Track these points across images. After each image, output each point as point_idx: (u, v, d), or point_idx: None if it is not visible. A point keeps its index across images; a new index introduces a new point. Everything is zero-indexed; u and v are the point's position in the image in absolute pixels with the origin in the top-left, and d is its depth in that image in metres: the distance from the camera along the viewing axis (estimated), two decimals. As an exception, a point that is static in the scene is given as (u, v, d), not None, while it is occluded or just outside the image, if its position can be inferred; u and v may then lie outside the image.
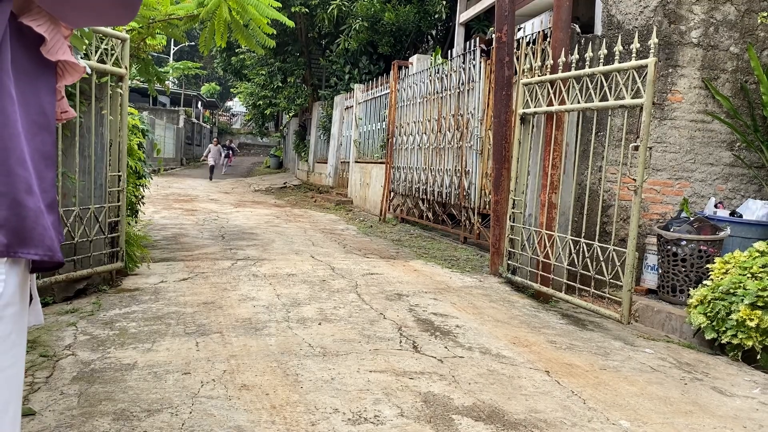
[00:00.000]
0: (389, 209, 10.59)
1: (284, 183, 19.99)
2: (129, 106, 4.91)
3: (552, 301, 5.17)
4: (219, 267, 5.62)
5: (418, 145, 9.43)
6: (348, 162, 14.49)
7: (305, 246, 7.26)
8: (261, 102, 20.10)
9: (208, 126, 38.93)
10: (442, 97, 8.65)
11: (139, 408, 2.59)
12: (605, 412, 2.95)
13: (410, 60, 10.91)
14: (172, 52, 35.33)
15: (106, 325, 3.71)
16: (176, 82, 34.50)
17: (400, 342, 3.73)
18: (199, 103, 40.45)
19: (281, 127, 30.15)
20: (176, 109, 31.48)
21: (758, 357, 3.99)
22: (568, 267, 4.85)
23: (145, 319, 3.86)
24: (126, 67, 4.51)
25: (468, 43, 8.12)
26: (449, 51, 10.09)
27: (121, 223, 4.67)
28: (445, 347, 3.70)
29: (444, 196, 8.44)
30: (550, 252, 5.02)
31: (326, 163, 17.00)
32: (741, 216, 5.70)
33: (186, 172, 26.31)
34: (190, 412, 2.57)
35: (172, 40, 17.29)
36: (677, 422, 2.92)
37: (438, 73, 8.89)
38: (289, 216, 10.93)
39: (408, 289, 5.15)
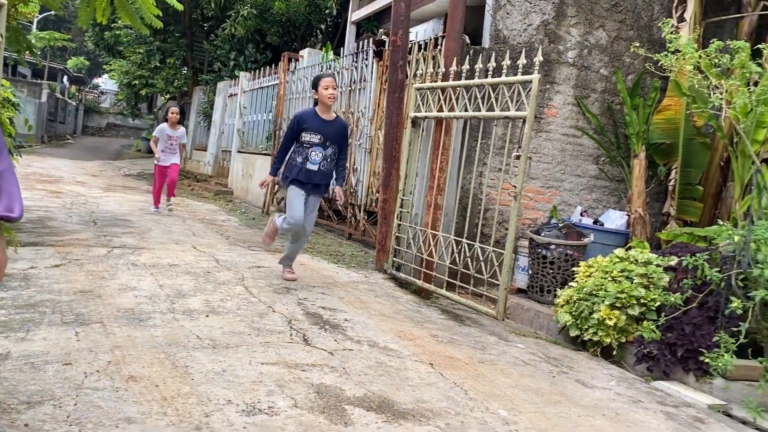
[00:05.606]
0: (272, 202, 10.48)
1: (158, 169, 19.08)
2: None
3: (433, 297, 5.40)
4: (94, 254, 5.32)
5: (306, 140, 9.41)
6: (230, 151, 14.13)
7: (185, 236, 7.03)
8: (137, 82, 19.05)
9: (74, 103, 36.26)
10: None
11: (17, 400, 2.44)
12: (485, 402, 3.16)
13: (301, 53, 10.85)
14: (35, 20, 32.49)
15: (-31, 313, 3.42)
16: (40, 53, 31.80)
17: (291, 335, 3.76)
18: (65, 77, 37.57)
19: (155, 110, 28.77)
20: (39, 82, 28.97)
21: (614, 353, 4.43)
22: (450, 265, 5.10)
23: (15, 307, 3.60)
24: (2, 35, 4.15)
25: (360, 42, 8.23)
26: (340, 48, 10.17)
27: (-13, 202, 4.30)
28: (335, 340, 3.78)
29: (331, 192, 8.49)
30: (433, 251, 5.25)
31: (206, 150, 16.46)
32: (603, 224, 6.27)
33: (48, 150, 24.35)
34: (75, 404, 2.46)
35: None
36: (548, 411, 3.20)
37: (330, 69, 8.92)
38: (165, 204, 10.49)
39: (296, 283, 5.16)
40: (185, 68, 19.57)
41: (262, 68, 12.93)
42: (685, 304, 4.24)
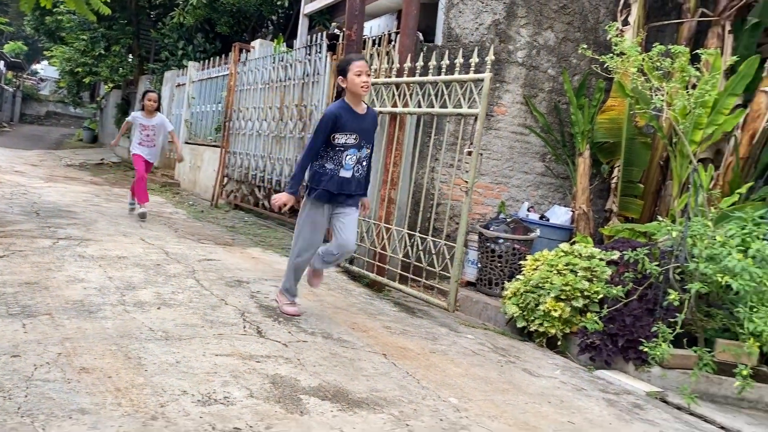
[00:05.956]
0: (222, 195, 10.36)
1: (101, 159, 18.54)
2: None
3: (385, 290, 5.47)
4: (38, 246, 5.17)
5: (257, 132, 9.34)
6: (177, 142, 13.86)
7: (133, 228, 6.90)
8: (80, 69, 18.41)
9: (11, 89, 34.75)
10: (285, 86, 8.65)
11: (-36, 393, 2.38)
12: (437, 391, 3.25)
13: (252, 44, 10.73)
14: (-31, 1, 30.99)
15: None
16: (-27, 35, 30.35)
17: (244, 327, 3.77)
18: (2, 62, 35.98)
19: (99, 99, 27.87)
20: (-28, 66, 27.73)
21: (559, 343, 4.60)
22: (402, 258, 5.19)
23: (-44, 299, 3.49)
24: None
25: (313, 35, 8.21)
26: (292, 41, 10.11)
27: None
28: (289, 332, 3.80)
29: (283, 186, 8.46)
30: (387, 244, 5.32)
31: (152, 141, 16.08)
32: (548, 220, 6.46)
33: (-18, 138, 23.35)
34: (26, 396, 2.42)
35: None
36: (496, 398, 3.32)
37: (282, 61, 8.88)
38: (110, 195, 10.24)
39: (248, 275, 5.15)
40: (131, 56, 19.04)
41: (212, 58, 12.72)
42: (626, 297, 4.43)
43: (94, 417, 2.34)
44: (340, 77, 3.98)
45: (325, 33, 7.91)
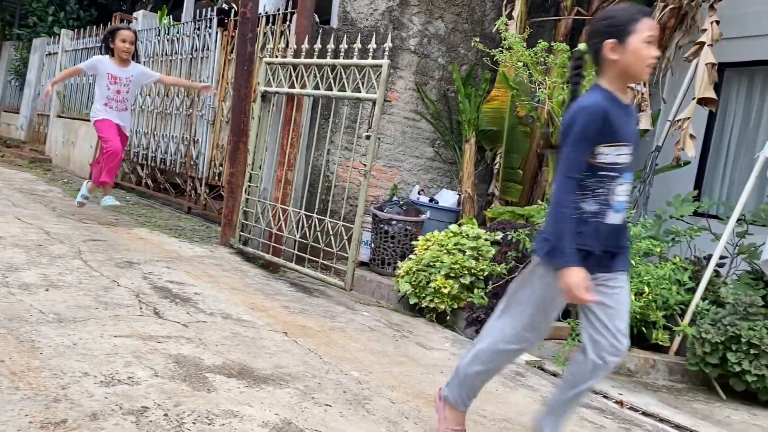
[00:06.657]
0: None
1: (-43, 130, 16.90)
2: None
3: (281, 271, 5.52)
4: None
5: (140, 107, 8.95)
6: (48, 115, 12.92)
7: (5, 206, 6.42)
8: (-70, 31, 16.62)
9: None
10: (171, 60, 8.35)
11: None
12: (338, 365, 3.39)
13: (135, 15, 10.21)
14: None
15: None
16: None
17: (141, 308, 3.69)
18: None
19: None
20: None
21: (448, 318, 4.89)
22: (300, 239, 5.25)
23: None
24: None
25: (202, 10, 7.97)
26: (178, 12, 9.74)
27: None
28: (188, 313, 3.78)
29: (168, 164, 8.20)
30: (283, 225, 5.36)
31: (18, 113, 14.87)
32: (437, 202, 6.77)
33: None
34: None
35: None
36: (394, 370, 3.51)
37: (168, 34, 8.54)
38: (-28, 170, 9.43)
39: (138, 257, 5.00)
40: (-8, 20, 17.42)
41: (88, 27, 11.94)
42: (508, 274, 4.78)
43: (-9, 401, 2.26)
44: (609, 41, 2.20)
45: (213, 8, 7.71)
